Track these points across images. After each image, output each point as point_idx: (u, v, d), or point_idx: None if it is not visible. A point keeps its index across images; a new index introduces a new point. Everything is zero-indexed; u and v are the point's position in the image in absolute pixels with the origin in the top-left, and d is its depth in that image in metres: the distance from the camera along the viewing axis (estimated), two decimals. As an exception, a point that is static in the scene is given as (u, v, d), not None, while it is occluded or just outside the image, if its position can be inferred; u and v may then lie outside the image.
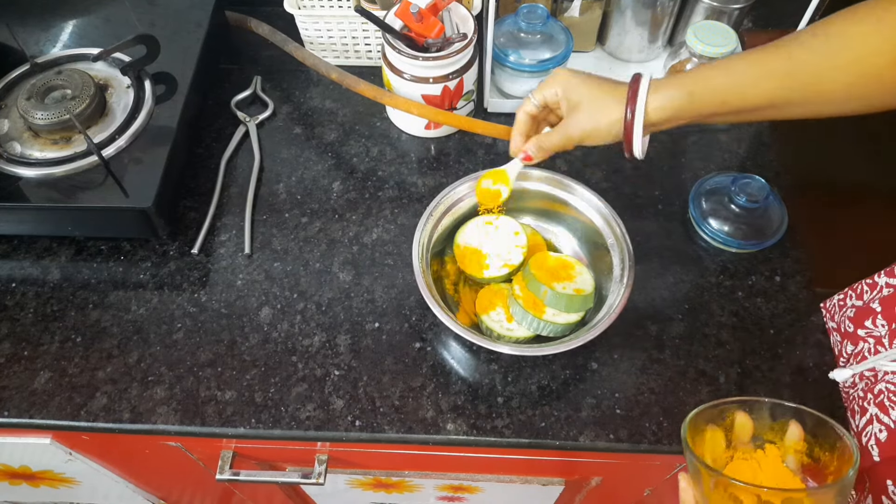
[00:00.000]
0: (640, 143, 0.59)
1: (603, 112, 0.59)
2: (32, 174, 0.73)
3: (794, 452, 0.50)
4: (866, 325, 0.65)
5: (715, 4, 0.84)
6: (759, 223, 0.75)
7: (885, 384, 0.60)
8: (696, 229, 0.78)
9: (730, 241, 0.75)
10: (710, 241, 0.77)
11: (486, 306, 0.69)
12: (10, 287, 0.75)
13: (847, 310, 0.69)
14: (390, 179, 0.83)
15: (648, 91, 0.57)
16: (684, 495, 0.50)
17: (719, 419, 0.52)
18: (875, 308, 0.65)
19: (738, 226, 0.75)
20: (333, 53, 0.92)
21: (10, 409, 0.67)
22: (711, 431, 0.52)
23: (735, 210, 0.75)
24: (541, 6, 0.83)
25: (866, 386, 0.63)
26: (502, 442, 0.65)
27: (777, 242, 0.75)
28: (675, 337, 0.71)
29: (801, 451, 0.50)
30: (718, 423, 0.52)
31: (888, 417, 0.59)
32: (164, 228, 0.75)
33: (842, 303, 0.71)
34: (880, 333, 0.63)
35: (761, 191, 0.74)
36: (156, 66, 0.81)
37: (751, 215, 0.75)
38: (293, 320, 0.72)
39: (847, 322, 0.68)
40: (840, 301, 0.71)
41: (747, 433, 0.51)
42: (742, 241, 0.75)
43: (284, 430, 0.66)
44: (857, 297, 0.69)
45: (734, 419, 0.51)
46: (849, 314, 0.69)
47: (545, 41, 0.83)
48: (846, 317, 0.69)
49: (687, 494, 0.50)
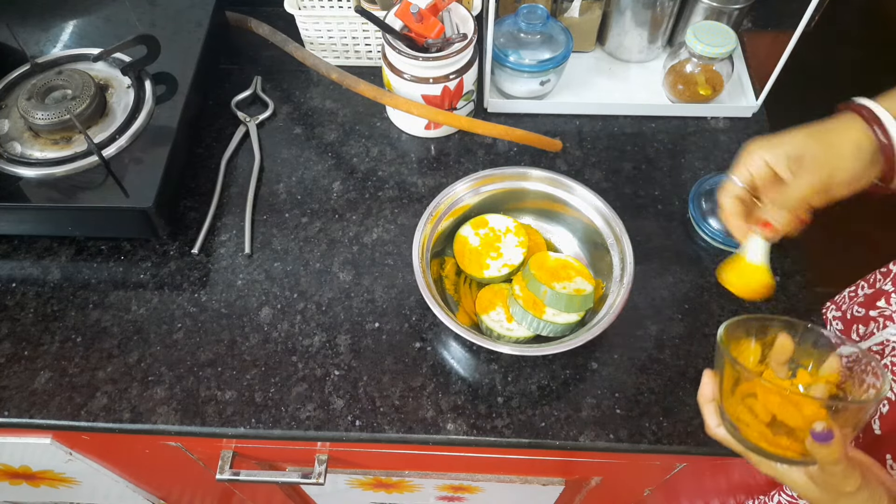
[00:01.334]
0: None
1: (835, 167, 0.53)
2: (33, 174, 0.73)
3: (826, 383, 0.50)
4: (878, 304, 0.66)
5: (715, 5, 0.84)
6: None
7: (891, 359, 0.60)
8: (696, 229, 0.78)
9: (730, 241, 0.75)
10: (710, 240, 0.77)
11: (486, 306, 0.70)
12: (11, 287, 0.75)
13: (857, 298, 0.69)
14: (390, 179, 0.83)
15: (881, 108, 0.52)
16: (704, 389, 0.51)
17: (761, 333, 0.52)
18: (887, 289, 0.65)
19: None
20: (333, 53, 0.92)
21: (10, 409, 0.67)
22: (748, 342, 0.52)
23: None
24: (541, 6, 0.83)
25: None
26: (502, 442, 0.65)
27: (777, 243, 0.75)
28: (675, 337, 0.71)
29: (833, 382, 0.50)
30: (759, 336, 0.52)
31: (892, 392, 0.59)
32: (164, 228, 0.75)
33: (852, 294, 0.71)
34: (893, 310, 0.64)
35: None
36: (156, 66, 0.81)
37: None
38: (293, 320, 0.72)
39: (856, 307, 0.68)
40: (851, 293, 0.71)
41: (785, 354, 0.51)
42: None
43: (284, 430, 0.66)
44: (870, 287, 0.69)
45: (776, 337, 0.51)
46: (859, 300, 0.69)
47: (545, 41, 0.84)
48: (855, 303, 0.69)
49: (706, 388, 0.51)
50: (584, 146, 0.85)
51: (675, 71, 0.86)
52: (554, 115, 0.88)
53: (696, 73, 0.84)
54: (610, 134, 0.87)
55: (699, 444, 0.64)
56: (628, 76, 0.92)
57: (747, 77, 0.90)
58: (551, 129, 0.87)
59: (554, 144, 0.83)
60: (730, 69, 0.85)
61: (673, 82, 0.87)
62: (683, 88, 0.86)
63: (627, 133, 0.87)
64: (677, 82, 0.86)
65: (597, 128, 0.87)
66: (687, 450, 0.65)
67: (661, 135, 0.87)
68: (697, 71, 0.84)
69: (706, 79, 0.85)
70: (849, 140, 0.53)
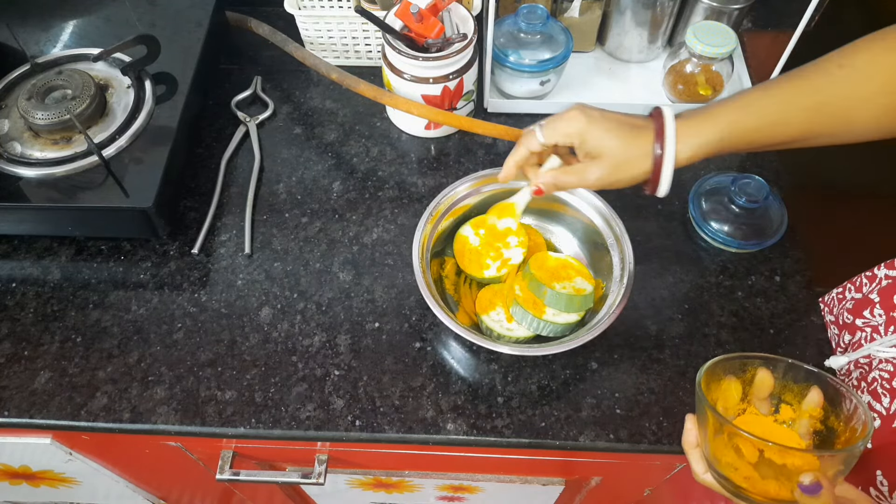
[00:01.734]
0: (668, 185, 0.57)
1: (625, 168, 0.57)
2: (33, 174, 0.73)
3: (808, 417, 0.50)
4: (864, 315, 0.66)
5: (714, 5, 0.84)
6: (758, 223, 0.75)
7: (879, 372, 0.61)
8: (696, 229, 0.78)
9: (729, 241, 0.75)
10: (710, 240, 0.77)
11: (486, 306, 0.70)
12: (11, 287, 0.75)
13: (846, 302, 0.69)
14: (390, 179, 0.83)
15: (676, 141, 0.55)
16: (688, 436, 0.51)
17: (740, 371, 0.52)
18: (873, 298, 0.65)
19: (738, 226, 0.75)
20: (333, 53, 0.92)
21: (10, 409, 0.67)
22: (728, 381, 0.52)
23: (735, 210, 0.75)
24: (541, 6, 0.83)
25: (861, 375, 0.64)
26: (502, 442, 0.65)
27: (777, 242, 0.75)
28: (675, 337, 0.71)
29: (816, 417, 0.50)
30: (738, 374, 0.52)
31: (880, 405, 0.59)
32: (164, 228, 0.75)
33: (840, 296, 0.71)
34: (877, 322, 0.64)
35: (761, 191, 0.74)
36: (156, 66, 0.81)
37: (751, 215, 0.75)
38: (293, 320, 0.72)
39: (845, 314, 0.69)
40: (839, 294, 0.71)
41: (766, 390, 0.51)
42: (742, 241, 0.75)
43: (284, 430, 0.66)
44: (857, 290, 0.69)
45: (755, 374, 0.52)
46: (847, 306, 0.69)
47: (545, 41, 0.84)
48: (845, 309, 0.69)
49: (690, 435, 0.51)
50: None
51: (675, 71, 0.86)
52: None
53: (696, 73, 0.84)
54: (610, 134, 0.87)
55: (699, 444, 0.64)
56: (628, 76, 0.92)
57: (747, 77, 0.90)
58: (551, 129, 0.87)
59: (554, 144, 0.83)
60: (730, 69, 0.85)
61: (673, 82, 0.87)
62: (683, 88, 0.86)
63: (627, 133, 0.87)
64: (677, 82, 0.86)
65: (597, 128, 0.87)
66: (687, 450, 0.65)
67: (661, 135, 0.86)
68: (697, 71, 0.84)
69: (706, 79, 0.85)
70: (638, 167, 0.56)
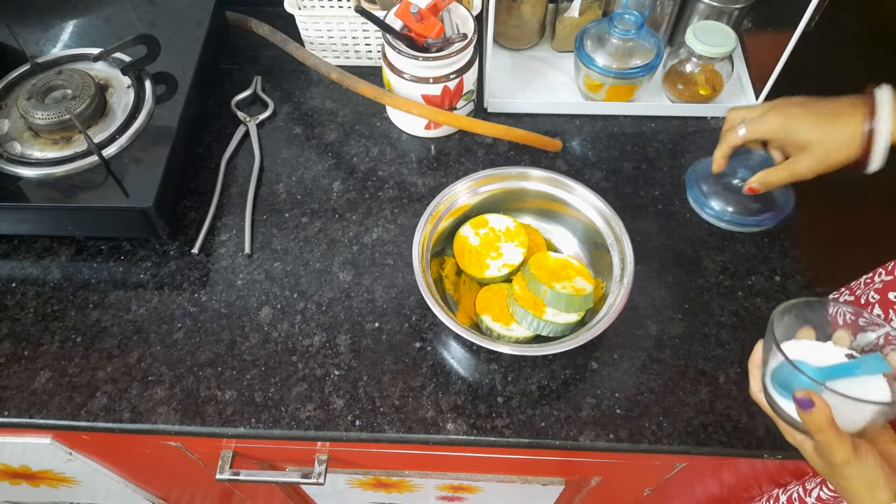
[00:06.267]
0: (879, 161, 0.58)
1: (834, 154, 0.59)
2: (33, 174, 0.73)
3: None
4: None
5: (715, 4, 0.84)
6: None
7: None
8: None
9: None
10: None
11: (486, 306, 0.70)
12: (11, 287, 0.75)
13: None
14: (390, 179, 0.83)
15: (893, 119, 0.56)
16: (754, 356, 0.54)
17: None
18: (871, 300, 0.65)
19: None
20: (333, 53, 0.92)
21: (10, 408, 0.67)
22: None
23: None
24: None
25: None
26: (502, 442, 0.65)
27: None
28: (675, 337, 0.71)
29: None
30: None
31: None
32: (164, 228, 0.75)
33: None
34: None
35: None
36: (156, 66, 0.81)
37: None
38: (293, 320, 0.72)
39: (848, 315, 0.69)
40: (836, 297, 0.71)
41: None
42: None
43: (284, 430, 0.66)
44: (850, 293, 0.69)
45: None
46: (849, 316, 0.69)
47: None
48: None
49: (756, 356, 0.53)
50: (584, 146, 0.85)
51: (675, 71, 0.86)
52: (554, 115, 0.88)
53: (696, 73, 0.84)
54: (610, 134, 0.87)
55: (699, 444, 0.64)
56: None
57: (747, 77, 0.90)
58: (551, 129, 0.87)
59: (554, 144, 0.83)
60: (730, 69, 0.85)
61: (673, 82, 0.87)
62: (683, 88, 0.86)
63: (627, 133, 0.87)
64: (677, 82, 0.86)
65: (597, 128, 0.87)
66: (687, 450, 0.65)
67: (661, 135, 0.87)
68: (697, 71, 0.84)
69: (706, 79, 0.85)
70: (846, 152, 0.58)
